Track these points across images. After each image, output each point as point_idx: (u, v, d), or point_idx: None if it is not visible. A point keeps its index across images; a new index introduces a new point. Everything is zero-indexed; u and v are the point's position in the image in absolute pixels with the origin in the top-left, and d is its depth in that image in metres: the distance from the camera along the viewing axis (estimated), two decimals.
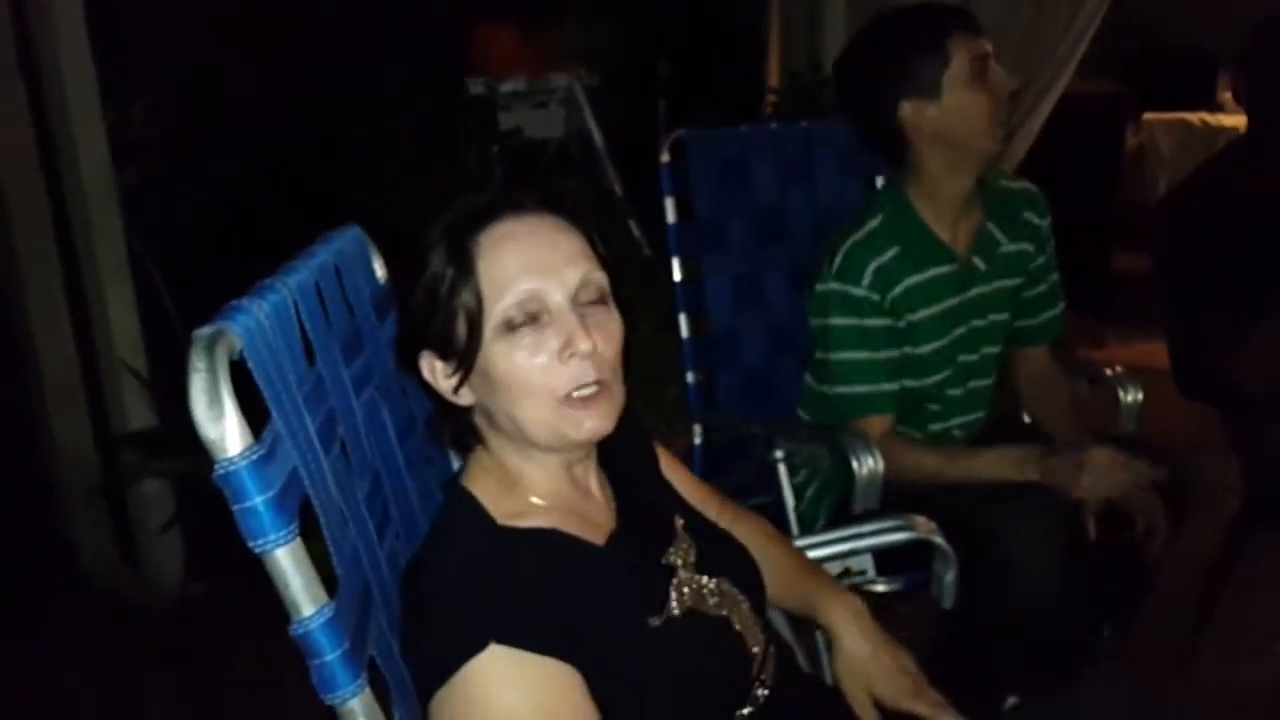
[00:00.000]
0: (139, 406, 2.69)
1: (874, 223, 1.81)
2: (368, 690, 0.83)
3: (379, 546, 0.99)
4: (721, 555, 1.17)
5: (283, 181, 2.76)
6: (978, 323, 1.90)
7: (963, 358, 1.90)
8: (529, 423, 1.03)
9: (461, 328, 1.02)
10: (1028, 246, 1.94)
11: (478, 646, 0.89)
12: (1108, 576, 1.87)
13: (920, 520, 1.49)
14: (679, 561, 1.11)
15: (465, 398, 1.07)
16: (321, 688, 0.80)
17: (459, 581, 0.95)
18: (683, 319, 2.19)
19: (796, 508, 1.87)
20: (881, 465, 1.70)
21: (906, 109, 1.76)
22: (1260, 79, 2.11)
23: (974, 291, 1.88)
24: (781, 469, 1.88)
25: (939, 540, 1.47)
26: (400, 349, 1.10)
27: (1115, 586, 1.91)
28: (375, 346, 1.14)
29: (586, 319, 1.02)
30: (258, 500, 0.75)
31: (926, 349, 1.84)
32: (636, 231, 2.94)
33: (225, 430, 0.74)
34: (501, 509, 1.05)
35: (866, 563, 1.49)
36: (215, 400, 0.74)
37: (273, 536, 0.76)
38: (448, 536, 1.04)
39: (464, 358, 1.03)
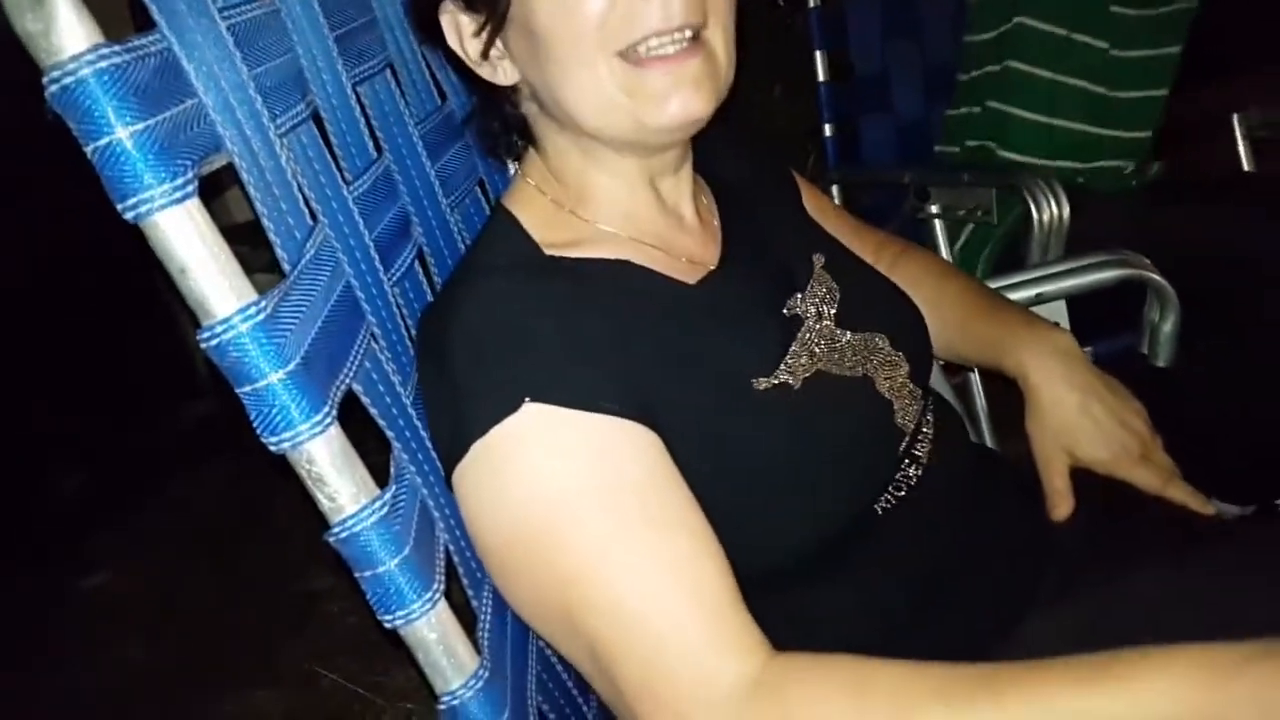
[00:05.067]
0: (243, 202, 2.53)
1: None
2: (334, 429, 0.57)
3: (378, 261, 0.73)
4: (874, 304, 0.87)
5: None
6: None
7: None
8: (582, 101, 0.74)
9: None
10: None
11: (509, 405, 0.64)
12: None
13: (1130, 255, 1.14)
14: (810, 310, 0.82)
15: (505, 73, 0.78)
16: (262, 424, 0.55)
17: (485, 323, 0.69)
18: (819, 58, 1.83)
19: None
20: (1068, 210, 1.34)
21: None
22: None
23: None
24: (938, 226, 1.54)
25: (1155, 276, 1.12)
26: (417, 2, 0.82)
27: None
28: (390, 14, 0.86)
29: None
30: (118, 132, 0.48)
31: None
32: None
33: (53, 17, 0.47)
34: (552, 236, 0.78)
35: (1059, 313, 1.15)
36: None
37: (151, 192, 0.50)
38: (475, 268, 0.77)
39: (492, 2, 0.73)
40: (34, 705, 1.98)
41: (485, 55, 0.77)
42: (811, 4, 1.78)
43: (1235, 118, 1.76)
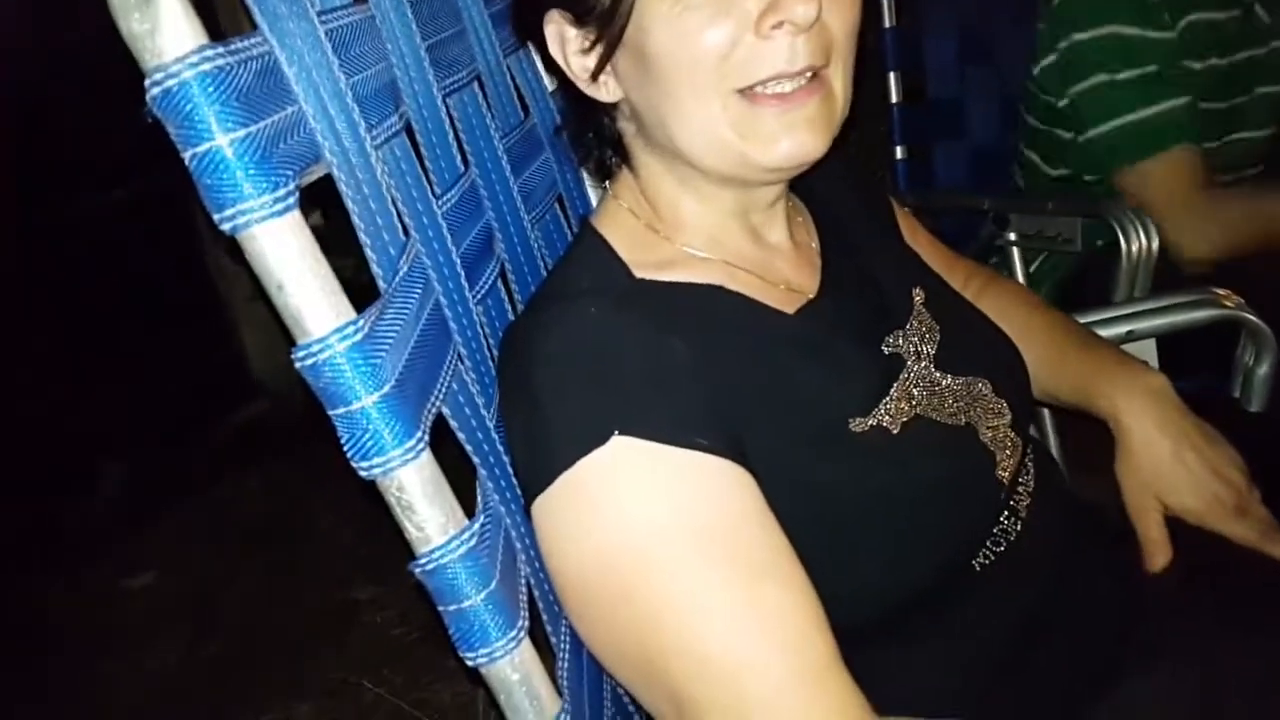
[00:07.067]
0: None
1: None
2: (425, 455, 0.54)
3: (464, 279, 0.70)
4: (974, 346, 0.83)
5: None
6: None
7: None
8: (691, 133, 0.70)
9: None
10: None
11: (597, 438, 0.61)
12: None
13: (1224, 293, 1.09)
14: (910, 350, 0.78)
15: (608, 90, 0.75)
16: (354, 448, 0.52)
17: (572, 350, 0.65)
18: (892, 80, 1.79)
19: None
20: (1157, 241, 1.30)
21: None
22: None
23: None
24: (1015, 255, 1.49)
25: (1252, 317, 1.07)
26: (518, 5, 0.79)
27: None
28: (479, 25, 0.84)
29: None
30: (219, 139, 0.46)
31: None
32: None
33: (159, 18, 0.45)
34: (643, 258, 0.75)
35: (1148, 350, 1.10)
36: None
37: (251, 203, 0.47)
38: (562, 291, 0.74)
39: (605, 19, 0.70)
40: (70, 706, 1.97)
41: (595, 77, 0.74)
42: (886, 24, 1.75)
43: None
